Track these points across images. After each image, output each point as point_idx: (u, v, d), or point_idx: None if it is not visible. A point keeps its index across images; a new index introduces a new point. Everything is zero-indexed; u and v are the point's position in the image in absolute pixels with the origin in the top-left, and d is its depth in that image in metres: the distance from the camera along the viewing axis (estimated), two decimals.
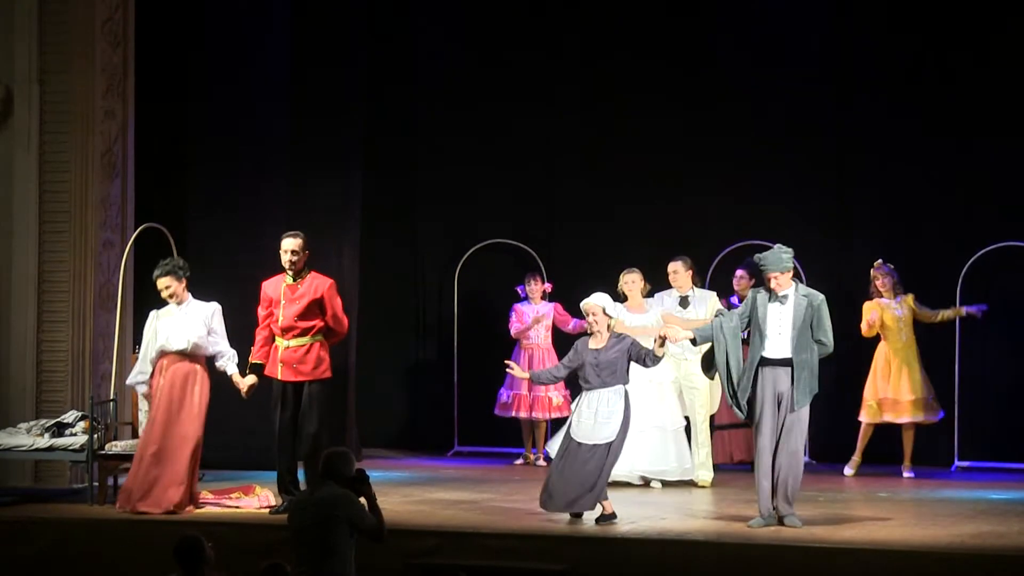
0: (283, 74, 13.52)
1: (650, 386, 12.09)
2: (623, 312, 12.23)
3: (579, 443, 10.21)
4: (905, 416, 12.73)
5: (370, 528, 8.26)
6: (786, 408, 9.88)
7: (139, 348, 11.48)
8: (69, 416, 11.55)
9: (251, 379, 10.78)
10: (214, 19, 13.27)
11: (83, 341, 12.18)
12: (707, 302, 12.36)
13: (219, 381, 11.99)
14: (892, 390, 12.77)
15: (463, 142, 14.86)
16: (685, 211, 14.32)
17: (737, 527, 10.03)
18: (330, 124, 14.00)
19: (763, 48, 14.08)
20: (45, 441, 11.30)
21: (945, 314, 12.88)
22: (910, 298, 12.83)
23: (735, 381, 9.95)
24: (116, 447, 11.17)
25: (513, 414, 13.74)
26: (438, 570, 9.52)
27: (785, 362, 9.90)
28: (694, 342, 10.25)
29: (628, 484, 11.93)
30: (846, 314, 12.97)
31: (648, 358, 10.28)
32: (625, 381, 10.30)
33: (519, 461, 13.85)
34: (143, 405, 11.12)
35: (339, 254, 13.86)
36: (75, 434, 11.32)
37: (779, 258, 9.97)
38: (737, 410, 10.02)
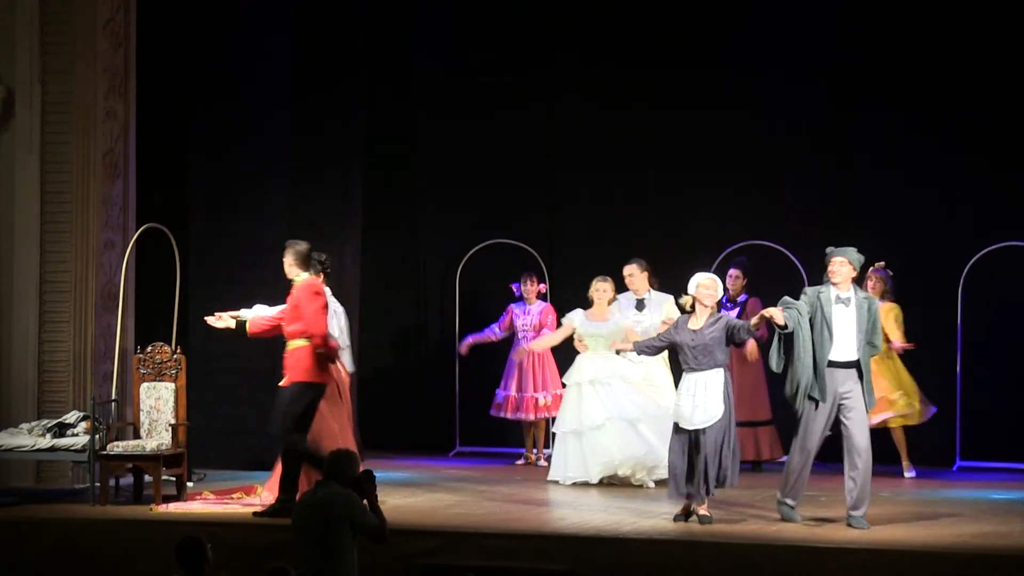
0: (285, 75, 13.51)
1: (620, 383, 12.21)
2: (582, 319, 12.29)
3: (682, 428, 10.08)
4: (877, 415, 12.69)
5: (371, 528, 8.26)
6: (849, 409, 9.94)
7: (140, 349, 11.58)
8: (71, 416, 11.55)
9: (226, 316, 10.71)
10: (216, 20, 13.26)
11: (85, 341, 12.17)
12: (663, 305, 12.42)
13: (220, 383, 12.06)
14: None
15: (464, 144, 14.86)
16: (685, 211, 14.33)
17: (738, 527, 10.02)
18: (332, 125, 13.99)
19: (764, 49, 14.07)
20: (47, 441, 11.30)
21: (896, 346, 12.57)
22: (894, 308, 12.67)
23: (807, 378, 9.94)
24: (118, 447, 11.17)
25: (503, 414, 13.77)
26: (440, 570, 9.52)
27: (848, 364, 9.97)
28: (784, 328, 9.97)
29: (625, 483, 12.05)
30: None
31: (742, 330, 10.03)
32: (724, 363, 10.05)
33: (520, 461, 13.85)
34: None
35: (340, 255, 13.86)
36: (77, 434, 11.32)
37: (859, 257, 10.08)
38: (798, 406, 10.03)
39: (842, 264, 10.04)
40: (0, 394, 12.21)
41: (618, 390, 12.15)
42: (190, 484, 11.62)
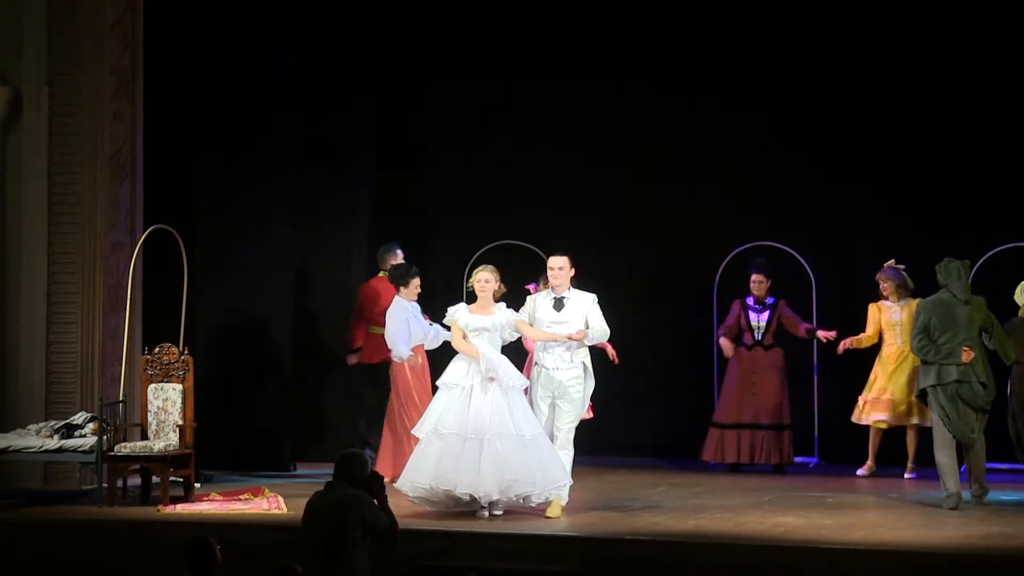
0: (292, 75, 13.54)
1: (498, 392, 10.68)
2: (464, 313, 10.94)
3: None
4: (887, 417, 12.71)
5: (384, 530, 8.24)
6: None
7: (147, 350, 11.62)
8: (78, 418, 11.57)
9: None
10: (223, 21, 13.27)
11: (92, 343, 12.19)
12: (583, 305, 10.86)
13: (227, 384, 12.03)
14: (883, 391, 12.73)
15: (469, 143, 14.85)
16: (690, 212, 14.32)
17: (741, 528, 10.03)
18: (338, 126, 14.01)
19: (764, 48, 14.07)
20: (54, 443, 11.32)
21: None
22: (915, 304, 12.70)
23: None
24: (125, 448, 11.19)
25: None
26: (446, 571, 9.52)
27: None
28: None
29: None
30: (855, 314, 13.01)
31: None
32: None
33: None
34: None
35: (347, 255, 13.89)
36: (84, 435, 11.34)
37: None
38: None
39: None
40: (8, 395, 12.23)
41: (489, 401, 10.69)
42: (198, 485, 11.64)
